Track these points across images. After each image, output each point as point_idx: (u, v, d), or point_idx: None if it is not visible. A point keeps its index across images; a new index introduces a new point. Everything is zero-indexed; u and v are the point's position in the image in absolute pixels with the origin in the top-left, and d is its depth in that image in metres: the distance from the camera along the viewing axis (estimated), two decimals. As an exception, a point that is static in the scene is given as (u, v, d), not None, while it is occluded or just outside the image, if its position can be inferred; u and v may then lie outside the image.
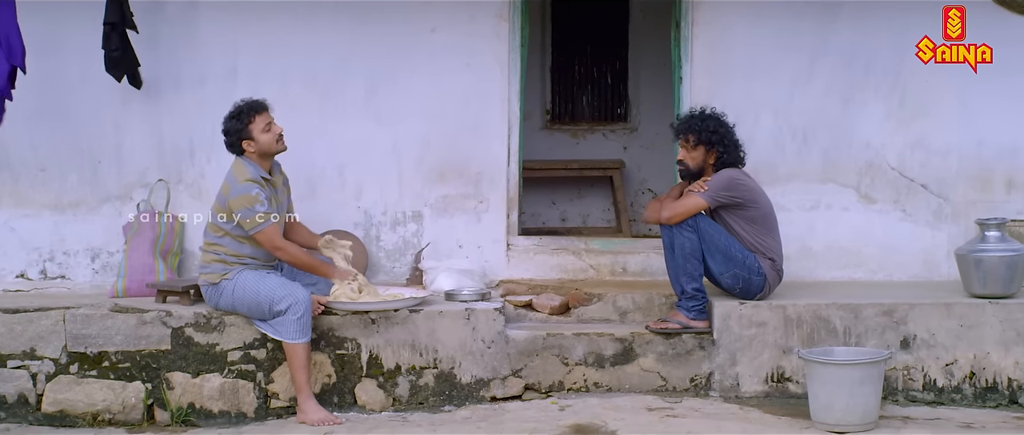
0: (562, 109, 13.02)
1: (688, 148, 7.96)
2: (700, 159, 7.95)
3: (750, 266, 7.83)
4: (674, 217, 7.75)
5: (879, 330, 7.84)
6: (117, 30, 8.34)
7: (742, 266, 7.83)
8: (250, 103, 7.67)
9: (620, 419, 7.27)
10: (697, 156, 7.95)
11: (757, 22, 8.93)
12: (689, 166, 7.98)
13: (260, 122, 7.60)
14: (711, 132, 7.92)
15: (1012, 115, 8.95)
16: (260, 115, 7.63)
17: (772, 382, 7.86)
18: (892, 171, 8.96)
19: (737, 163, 8.01)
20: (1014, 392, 7.84)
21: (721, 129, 7.97)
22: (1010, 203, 8.93)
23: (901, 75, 8.92)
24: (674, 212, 7.76)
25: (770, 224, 8.00)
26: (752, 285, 7.87)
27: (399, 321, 7.78)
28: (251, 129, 7.58)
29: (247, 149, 7.61)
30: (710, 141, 7.92)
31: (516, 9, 8.98)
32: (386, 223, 8.97)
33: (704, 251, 7.78)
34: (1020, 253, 7.98)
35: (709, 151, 7.94)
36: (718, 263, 7.81)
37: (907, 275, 8.94)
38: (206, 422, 7.66)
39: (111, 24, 8.32)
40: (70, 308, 7.79)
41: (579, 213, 12.59)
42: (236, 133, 7.61)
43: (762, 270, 7.86)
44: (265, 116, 7.64)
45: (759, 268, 7.86)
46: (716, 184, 7.82)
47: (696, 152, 7.94)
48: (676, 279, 7.88)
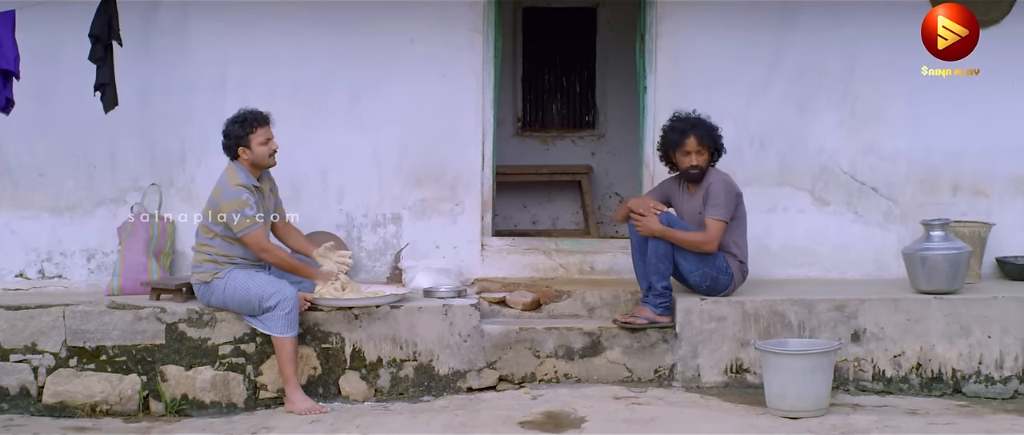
0: (533, 117, 13.15)
1: (701, 151, 8.14)
2: (708, 159, 8.21)
3: (719, 266, 8.11)
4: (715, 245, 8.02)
5: (831, 324, 8.12)
6: (101, 42, 8.45)
7: (712, 266, 8.09)
8: (256, 113, 7.87)
9: (588, 407, 7.54)
10: (706, 157, 8.19)
11: (717, 35, 9.14)
12: (702, 167, 8.18)
13: (261, 134, 7.82)
14: (716, 134, 8.22)
15: (958, 122, 9.18)
16: (262, 128, 7.85)
17: (731, 373, 8.13)
18: (844, 175, 9.19)
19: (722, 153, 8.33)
20: (958, 382, 8.13)
21: (717, 128, 8.26)
22: (955, 205, 9.18)
23: (852, 84, 9.17)
24: (713, 244, 8.00)
25: (743, 226, 8.29)
26: (719, 284, 8.15)
27: (381, 316, 8.02)
28: (251, 138, 7.80)
29: (242, 155, 7.82)
30: (715, 144, 8.22)
31: (490, 23, 9.17)
32: (367, 225, 9.18)
33: (676, 251, 8.03)
34: (963, 251, 8.26)
35: (711, 152, 8.22)
36: (690, 262, 8.06)
37: (859, 273, 9.18)
38: (198, 412, 7.88)
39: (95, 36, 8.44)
40: (69, 305, 8.02)
41: (549, 216, 12.75)
42: (236, 138, 7.82)
43: (730, 269, 8.15)
44: (267, 130, 7.86)
45: (727, 268, 8.14)
46: (725, 199, 8.05)
47: (706, 154, 8.18)
48: (645, 277, 8.13)
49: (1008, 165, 9.28)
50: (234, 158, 7.90)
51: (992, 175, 9.29)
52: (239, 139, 7.84)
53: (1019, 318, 8.20)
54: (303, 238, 8.33)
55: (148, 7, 8.90)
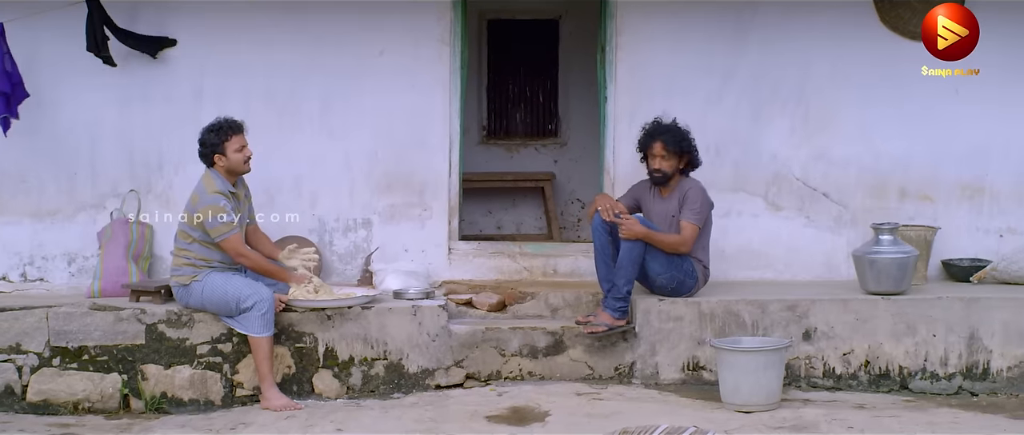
0: (498, 125, 13.32)
1: (667, 157, 8.36)
2: (675, 166, 8.41)
3: (687, 269, 8.36)
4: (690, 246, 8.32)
5: (784, 323, 8.36)
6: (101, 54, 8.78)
7: (680, 269, 8.34)
8: (230, 122, 8.05)
9: (552, 402, 7.78)
10: (674, 164, 8.39)
11: (674, 47, 9.34)
12: (667, 173, 8.40)
13: (235, 142, 8.01)
14: (685, 141, 8.41)
15: (904, 130, 9.40)
16: (237, 135, 8.03)
17: (688, 370, 8.36)
18: (797, 181, 9.41)
19: (699, 164, 8.57)
20: (905, 379, 8.40)
21: (689, 137, 8.46)
22: (903, 209, 9.42)
23: (805, 93, 9.37)
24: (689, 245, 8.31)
25: (709, 235, 8.54)
26: (684, 286, 8.40)
27: (352, 317, 8.23)
28: (226, 146, 7.98)
29: (218, 162, 8.01)
30: (684, 150, 8.42)
31: (456, 35, 9.34)
32: (338, 229, 9.35)
33: (647, 254, 8.24)
34: (910, 255, 8.50)
35: (681, 158, 8.42)
36: (660, 265, 8.28)
37: (811, 275, 9.39)
38: (177, 409, 8.08)
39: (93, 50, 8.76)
40: (52, 307, 8.19)
41: (513, 221, 12.90)
42: (212, 146, 8.00)
43: (696, 273, 8.41)
44: (241, 138, 8.05)
45: (693, 271, 8.39)
46: (701, 205, 8.34)
47: (673, 160, 8.38)
48: (609, 279, 8.29)
49: (953, 171, 9.49)
50: (210, 165, 8.07)
51: (938, 181, 9.50)
52: (215, 147, 8.01)
53: (963, 317, 8.44)
54: (271, 242, 8.53)
55: (128, 20, 9.00)
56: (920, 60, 9.21)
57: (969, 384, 8.46)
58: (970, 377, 8.47)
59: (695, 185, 8.46)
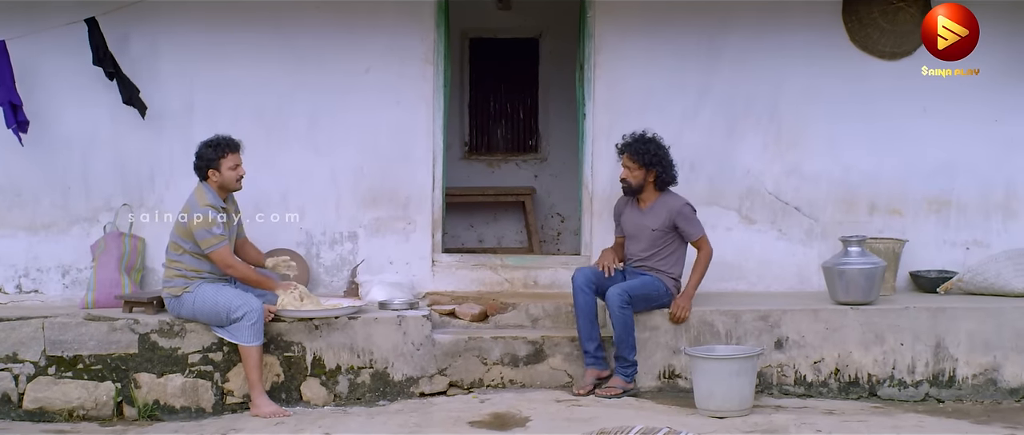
0: (479, 141, 13.47)
1: (632, 168, 8.47)
2: (641, 178, 8.47)
3: (660, 295, 8.52)
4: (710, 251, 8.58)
5: (756, 332, 8.55)
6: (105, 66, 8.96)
7: (655, 299, 8.52)
8: (228, 139, 8.21)
9: (532, 408, 7.96)
10: (639, 175, 8.47)
11: (651, 66, 9.53)
12: (631, 183, 8.51)
13: (231, 160, 8.17)
14: (652, 154, 8.43)
15: (874, 146, 9.61)
16: (233, 154, 8.19)
17: (664, 378, 8.53)
18: (769, 195, 9.62)
19: (674, 181, 8.60)
20: (873, 386, 8.60)
21: (660, 151, 8.48)
22: (872, 223, 9.63)
23: (777, 111, 9.57)
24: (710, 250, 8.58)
25: (685, 250, 8.68)
26: (659, 303, 8.58)
27: (339, 327, 8.37)
28: (221, 162, 8.14)
29: (211, 177, 8.16)
30: (650, 163, 8.44)
31: (440, 54, 9.51)
32: (325, 242, 9.52)
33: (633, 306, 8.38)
34: (878, 266, 8.69)
35: (649, 171, 8.48)
36: (640, 306, 8.45)
37: (783, 286, 9.59)
38: (169, 417, 8.20)
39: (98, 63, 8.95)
40: (48, 317, 8.32)
41: (495, 234, 13.03)
42: (207, 160, 8.15)
43: (669, 291, 8.56)
44: (236, 156, 8.20)
45: (667, 290, 8.54)
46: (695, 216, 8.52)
47: (639, 172, 8.46)
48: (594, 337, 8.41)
49: (921, 186, 9.70)
50: (203, 179, 8.22)
51: (906, 195, 9.71)
52: (210, 162, 8.17)
53: (930, 327, 8.65)
54: (256, 249, 8.67)
55: (120, 38, 9.18)
56: (889, 78, 9.53)
57: (936, 391, 8.65)
58: (936, 384, 8.66)
59: (680, 203, 8.55)
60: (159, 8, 9.28)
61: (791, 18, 9.61)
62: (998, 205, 9.80)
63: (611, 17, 9.58)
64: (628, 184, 8.57)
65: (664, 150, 8.56)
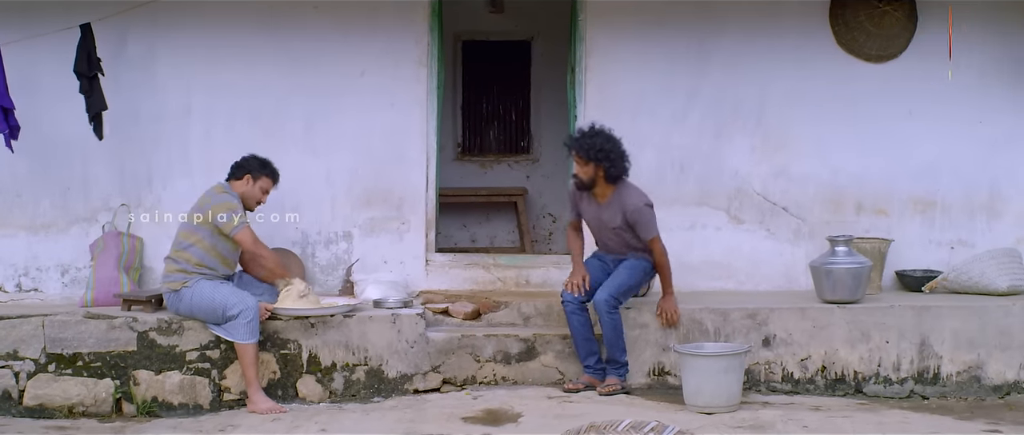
0: (472, 142, 13.58)
1: (581, 164, 8.39)
2: (591, 173, 8.40)
3: (647, 273, 8.61)
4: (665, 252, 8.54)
5: (744, 330, 8.66)
6: (86, 76, 8.93)
7: (643, 280, 8.64)
8: (276, 169, 8.56)
9: (524, 405, 8.06)
10: (589, 171, 8.39)
11: (641, 69, 9.63)
12: (583, 179, 8.45)
13: (267, 183, 8.49)
14: (598, 150, 8.32)
15: (860, 148, 9.72)
16: (273, 182, 8.53)
17: (654, 375, 8.64)
18: (758, 196, 9.72)
19: (624, 173, 8.48)
20: (859, 383, 8.71)
21: (607, 145, 8.35)
22: (858, 223, 9.74)
23: (765, 113, 9.68)
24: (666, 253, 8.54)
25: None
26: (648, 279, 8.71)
27: (335, 325, 8.47)
28: (260, 179, 8.43)
29: (242, 182, 8.38)
30: (598, 158, 8.34)
31: (433, 57, 9.61)
32: (321, 242, 9.60)
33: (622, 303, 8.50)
34: (864, 265, 8.81)
35: (598, 166, 8.39)
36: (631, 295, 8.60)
37: (771, 285, 9.69)
38: (167, 413, 8.28)
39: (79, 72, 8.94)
40: (48, 315, 8.40)
41: (487, 234, 13.13)
42: (250, 168, 8.42)
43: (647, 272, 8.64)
44: (271, 185, 8.54)
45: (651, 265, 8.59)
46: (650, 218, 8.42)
47: (588, 167, 8.38)
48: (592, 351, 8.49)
49: (906, 187, 9.82)
50: (232, 179, 8.43)
51: (892, 196, 9.83)
52: (252, 171, 8.42)
53: (915, 325, 8.77)
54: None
55: (118, 42, 9.28)
56: (875, 81, 9.65)
57: (920, 388, 8.76)
58: (921, 381, 8.77)
59: (637, 206, 8.47)
60: (156, 12, 9.35)
61: (779, 22, 9.71)
62: (982, 205, 9.91)
63: (602, 20, 9.68)
64: (580, 180, 8.51)
65: (613, 142, 8.44)
